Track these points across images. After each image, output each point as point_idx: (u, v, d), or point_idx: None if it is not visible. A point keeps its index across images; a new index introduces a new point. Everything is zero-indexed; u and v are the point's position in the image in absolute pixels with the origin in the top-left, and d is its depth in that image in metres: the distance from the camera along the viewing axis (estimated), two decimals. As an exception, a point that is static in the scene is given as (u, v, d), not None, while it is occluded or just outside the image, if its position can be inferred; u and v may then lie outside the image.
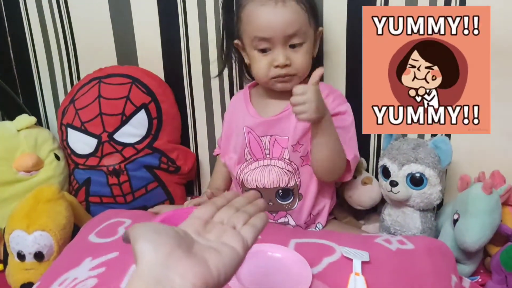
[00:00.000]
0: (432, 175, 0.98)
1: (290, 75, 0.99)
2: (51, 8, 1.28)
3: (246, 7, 0.98)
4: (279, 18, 0.95)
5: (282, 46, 0.97)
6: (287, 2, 0.95)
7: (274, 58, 0.97)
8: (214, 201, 0.58)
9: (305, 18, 0.97)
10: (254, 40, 0.98)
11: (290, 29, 0.95)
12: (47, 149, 1.20)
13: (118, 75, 1.21)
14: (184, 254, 0.45)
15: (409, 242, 0.84)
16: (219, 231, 0.52)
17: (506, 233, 0.94)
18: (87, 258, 0.79)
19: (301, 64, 0.99)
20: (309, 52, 0.99)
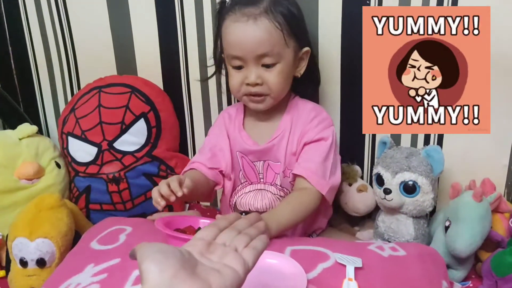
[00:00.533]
0: (425, 183, 1.00)
1: (263, 94, 0.97)
2: (52, 19, 1.30)
3: (224, 22, 0.96)
4: (249, 37, 0.92)
5: (255, 64, 0.94)
6: (259, 19, 0.92)
7: (246, 75, 0.95)
8: (217, 223, 0.60)
9: (279, 37, 0.93)
10: (228, 57, 0.97)
11: (261, 48, 0.92)
12: (48, 157, 1.22)
13: (118, 84, 1.23)
14: (188, 275, 0.46)
15: (401, 248, 0.86)
16: (221, 253, 0.53)
17: (496, 239, 0.96)
18: (90, 264, 0.81)
19: (274, 84, 0.96)
20: (283, 72, 0.96)
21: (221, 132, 1.07)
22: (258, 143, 1.04)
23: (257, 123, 1.06)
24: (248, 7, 0.93)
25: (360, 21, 1.04)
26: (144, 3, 1.20)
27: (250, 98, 0.98)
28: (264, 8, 0.92)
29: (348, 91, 1.13)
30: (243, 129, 1.06)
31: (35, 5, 1.30)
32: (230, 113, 1.09)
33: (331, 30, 1.08)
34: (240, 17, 0.92)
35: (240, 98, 1.01)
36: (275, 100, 0.99)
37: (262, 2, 0.93)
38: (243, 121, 1.07)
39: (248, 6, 0.93)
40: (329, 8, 1.07)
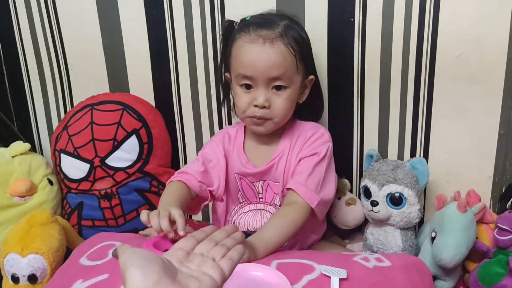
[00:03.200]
0: (411, 194, 1.02)
1: (265, 118, 0.97)
2: (46, 38, 1.33)
3: (236, 41, 0.97)
4: (263, 59, 0.93)
5: (265, 86, 0.95)
6: (275, 43, 0.93)
7: (255, 97, 0.95)
8: (194, 234, 0.62)
9: (292, 62, 0.94)
10: (238, 76, 0.96)
11: (274, 71, 0.93)
12: (40, 174, 1.23)
13: (110, 102, 1.25)
14: (171, 282, 0.48)
15: (386, 259, 0.87)
16: (199, 262, 0.56)
17: (482, 249, 0.97)
18: (78, 280, 0.81)
19: (280, 109, 0.97)
20: (291, 98, 0.97)
21: (218, 149, 1.06)
22: (256, 165, 1.03)
23: (256, 145, 1.06)
24: (264, 30, 0.94)
25: (346, 38, 1.08)
26: (136, 23, 1.23)
27: (253, 120, 0.98)
28: (279, 32, 0.94)
29: (336, 105, 1.15)
30: (243, 152, 1.05)
31: (29, 23, 1.33)
32: (230, 134, 1.09)
33: (318, 47, 1.10)
34: (256, 39, 0.93)
35: (244, 119, 1.01)
36: (277, 125, 1.00)
37: (277, 26, 0.94)
38: (243, 143, 1.07)
39: (264, 29, 0.94)
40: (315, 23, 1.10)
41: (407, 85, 1.08)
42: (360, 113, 1.14)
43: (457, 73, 1.04)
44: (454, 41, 1.02)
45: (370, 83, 1.11)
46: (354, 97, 1.13)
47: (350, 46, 1.09)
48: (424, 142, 1.12)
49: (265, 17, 0.99)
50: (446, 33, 1.02)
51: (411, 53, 1.06)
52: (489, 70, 1.03)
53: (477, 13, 1.00)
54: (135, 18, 1.23)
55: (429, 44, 1.04)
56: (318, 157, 0.99)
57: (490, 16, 0.99)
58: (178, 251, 0.57)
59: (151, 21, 1.22)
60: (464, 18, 1.01)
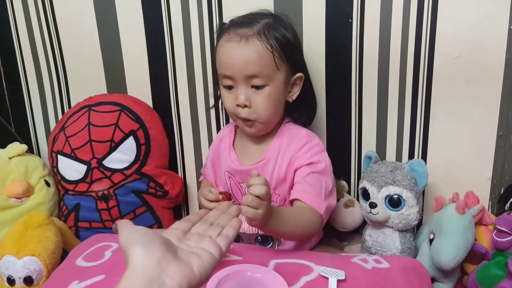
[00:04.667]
0: (409, 196, 1.01)
1: (251, 120, 0.96)
2: (43, 38, 1.32)
3: (219, 42, 0.97)
4: (239, 56, 0.92)
5: (244, 85, 0.94)
6: (251, 40, 0.92)
7: (236, 96, 0.95)
8: (188, 217, 0.65)
9: (270, 59, 0.92)
10: (220, 77, 0.97)
11: (250, 69, 0.92)
12: (37, 176, 1.23)
13: (107, 103, 1.25)
14: (172, 258, 0.51)
15: (385, 261, 0.86)
16: (197, 239, 0.59)
17: (480, 251, 0.97)
18: (74, 281, 0.81)
19: (262, 109, 0.95)
20: (272, 96, 0.95)
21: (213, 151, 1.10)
22: (243, 163, 1.04)
23: (246, 143, 1.06)
24: (242, 28, 0.94)
25: (344, 39, 1.08)
26: (134, 24, 1.23)
27: (243, 122, 0.98)
28: (257, 30, 0.93)
29: (334, 106, 1.15)
30: (233, 149, 1.06)
31: (26, 25, 1.32)
32: (223, 134, 1.11)
33: (315, 49, 1.11)
34: (233, 37, 0.93)
35: (236, 121, 1.01)
36: (265, 125, 0.99)
37: (257, 24, 0.94)
38: (234, 141, 1.08)
39: (243, 27, 0.94)
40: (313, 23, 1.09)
41: (405, 86, 1.08)
42: (358, 114, 1.14)
43: (455, 74, 1.04)
44: (452, 42, 1.02)
45: (368, 84, 1.11)
46: (352, 98, 1.13)
47: (348, 47, 1.09)
48: (422, 144, 1.11)
49: (249, 16, 0.98)
50: (444, 34, 1.02)
51: (409, 54, 1.05)
52: (487, 71, 1.02)
53: (476, 14, 0.99)
54: (132, 19, 1.22)
55: (427, 45, 1.03)
56: (318, 166, 0.97)
57: (488, 17, 0.99)
58: (175, 231, 0.59)
59: (148, 22, 1.22)
60: (462, 19, 1.00)
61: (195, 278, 0.52)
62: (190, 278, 0.51)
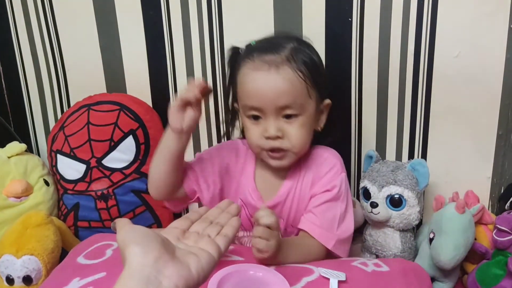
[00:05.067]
0: (411, 196, 1.01)
1: (283, 150, 0.89)
2: (42, 38, 1.32)
3: (241, 69, 0.89)
4: (270, 87, 0.85)
5: (275, 116, 0.86)
6: (281, 68, 0.85)
7: (265, 128, 0.87)
8: (188, 216, 0.64)
9: (302, 88, 0.86)
10: (245, 107, 0.89)
11: (283, 100, 0.85)
12: (36, 175, 1.23)
13: (107, 102, 1.24)
14: (170, 258, 0.51)
15: (385, 264, 0.86)
16: (195, 238, 0.58)
17: (480, 251, 0.97)
18: (75, 278, 0.81)
19: (296, 139, 0.88)
20: (305, 125, 0.88)
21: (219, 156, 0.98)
22: (263, 195, 0.96)
23: (265, 173, 0.97)
24: (268, 55, 0.86)
25: (344, 38, 1.08)
26: (133, 23, 1.22)
27: (269, 154, 0.90)
28: (286, 56, 0.86)
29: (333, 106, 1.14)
30: (253, 179, 0.97)
31: (26, 24, 1.32)
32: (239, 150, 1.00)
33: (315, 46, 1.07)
34: (261, 65, 0.85)
35: (259, 153, 0.92)
36: (297, 156, 0.91)
37: (283, 50, 0.87)
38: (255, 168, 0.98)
39: (268, 53, 0.86)
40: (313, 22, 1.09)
41: (405, 85, 1.08)
42: (357, 113, 1.14)
43: (456, 73, 1.04)
44: (452, 41, 1.02)
45: (367, 83, 1.10)
46: (351, 97, 1.12)
47: (348, 46, 1.09)
48: (422, 143, 1.11)
49: (271, 41, 0.92)
50: (444, 33, 1.02)
51: (409, 53, 1.05)
52: (487, 70, 1.02)
53: (476, 12, 0.99)
54: (132, 18, 1.22)
55: (427, 44, 1.03)
56: (332, 192, 0.92)
57: (488, 16, 0.99)
58: (174, 230, 0.59)
59: (148, 21, 1.21)
60: (463, 18, 1.00)
61: (192, 278, 0.51)
62: (187, 278, 0.51)
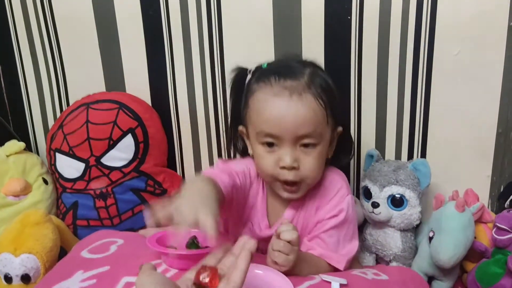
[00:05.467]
0: (412, 196, 1.01)
1: (298, 182, 0.85)
2: (41, 37, 1.32)
3: (256, 93, 0.85)
4: (293, 115, 0.81)
5: (292, 145, 0.83)
6: (304, 95, 0.81)
7: (281, 157, 0.83)
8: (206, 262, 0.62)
9: (323, 116, 0.83)
10: (260, 134, 0.85)
11: (304, 128, 0.81)
12: (35, 173, 1.22)
13: (106, 100, 1.24)
14: None
15: (383, 273, 0.86)
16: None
17: (480, 249, 0.97)
18: (79, 271, 0.81)
19: (311, 170, 0.85)
20: (322, 155, 0.86)
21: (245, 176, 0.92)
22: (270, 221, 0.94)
23: (273, 200, 0.95)
24: (288, 80, 0.83)
25: (343, 36, 1.08)
26: (132, 22, 1.22)
27: (283, 186, 0.87)
28: (306, 82, 0.83)
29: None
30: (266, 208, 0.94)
31: (24, 22, 1.32)
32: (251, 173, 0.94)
33: (314, 45, 1.10)
34: (281, 91, 0.82)
35: (272, 183, 0.88)
36: (309, 187, 0.89)
37: (302, 75, 0.84)
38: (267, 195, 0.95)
39: (288, 78, 0.83)
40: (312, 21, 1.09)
41: (404, 83, 1.07)
42: (357, 112, 1.13)
43: (455, 71, 1.04)
44: (452, 39, 1.02)
45: (367, 81, 1.10)
46: (351, 96, 1.12)
47: (347, 44, 1.08)
48: (421, 141, 1.11)
49: (286, 65, 0.88)
50: (444, 31, 1.02)
51: (409, 51, 1.05)
52: (487, 68, 1.02)
53: (475, 10, 0.99)
54: (131, 17, 1.22)
55: (426, 42, 1.03)
56: (339, 218, 0.90)
57: (488, 14, 0.99)
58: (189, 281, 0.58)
59: (147, 20, 1.21)
60: (462, 15, 1.00)
61: None
62: None
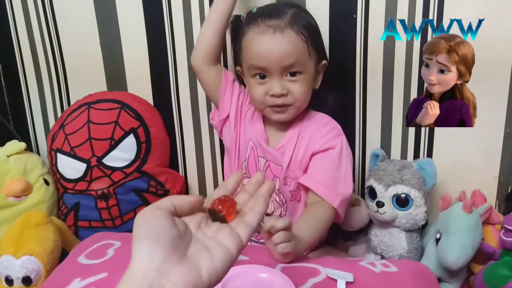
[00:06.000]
0: (417, 196, 1.00)
1: (286, 105, 0.97)
2: (42, 35, 1.30)
3: (246, 34, 0.98)
4: (276, 48, 0.94)
5: (279, 75, 0.95)
6: (286, 31, 0.94)
7: (270, 87, 0.96)
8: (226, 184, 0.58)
9: (304, 49, 0.95)
10: (251, 68, 0.97)
11: (287, 59, 0.94)
12: (36, 174, 1.21)
13: (107, 100, 1.23)
14: (178, 259, 0.46)
15: (393, 265, 0.84)
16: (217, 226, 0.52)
17: (487, 251, 0.96)
18: (76, 278, 0.80)
19: (299, 95, 0.97)
20: (307, 83, 0.98)
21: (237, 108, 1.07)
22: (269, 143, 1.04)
23: (269, 128, 1.06)
24: (272, 20, 0.95)
25: (348, 34, 1.06)
26: (134, 20, 1.21)
27: (273, 109, 0.99)
28: (288, 21, 0.95)
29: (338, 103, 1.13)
30: (263, 126, 1.06)
31: (25, 21, 1.31)
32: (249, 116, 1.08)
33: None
34: (266, 29, 0.94)
35: (263, 110, 1.01)
36: (298, 110, 1.00)
37: (285, 15, 0.95)
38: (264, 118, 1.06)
39: (272, 18, 0.95)
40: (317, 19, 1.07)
41: (410, 82, 1.06)
42: (362, 111, 1.12)
43: (462, 70, 1.02)
44: (459, 38, 1.00)
45: (372, 80, 1.09)
46: (356, 94, 1.11)
47: (352, 42, 1.07)
48: (428, 141, 1.10)
49: (272, 7, 1.01)
50: (451, 29, 1.00)
51: (415, 50, 1.04)
52: (494, 68, 1.01)
53: (482, 9, 0.98)
54: (132, 16, 1.21)
55: (433, 40, 1.02)
56: (334, 151, 0.99)
57: (495, 13, 0.98)
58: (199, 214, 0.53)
59: (149, 18, 1.20)
60: (469, 14, 0.98)
61: (202, 283, 0.46)
62: (196, 283, 0.46)
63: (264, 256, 0.83)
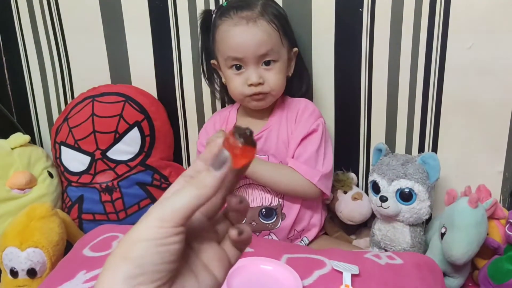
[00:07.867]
0: (421, 190, 0.99)
1: (263, 93, 1.01)
2: (46, 28, 1.30)
3: (219, 27, 1.01)
4: (251, 38, 0.97)
5: (255, 65, 0.99)
6: (258, 21, 0.97)
7: (248, 77, 0.99)
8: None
9: (277, 37, 0.99)
10: (227, 60, 1.00)
11: (262, 48, 0.97)
12: (40, 167, 1.21)
13: (111, 93, 1.23)
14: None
15: (398, 257, 0.85)
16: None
17: (492, 246, 0.96)
18: (81, 271, 0.80)
19: (274, 82, 1.00)
20: (282, 71, 1.02)
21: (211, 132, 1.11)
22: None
23: (249, 119, 1.09)
24: (244, 11, 0.98)
25: (354, 28, 1.06)
26: (138, 13, 1.20)
27: (252, 97, 1.01)
28: (259, 11, 0.98)
29: (343, 98, 1.13)
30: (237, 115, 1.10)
31: (29, 13, 1.30)
32: (221, 115, 1.14)
33: (324, 36, 1.09)
34: (239, 21, 0.97)
35: (243, 100, 1.04)
36: (275, 98, 1.04)
37: (256, 6, 0.99)
38: (236, 120, 1.10)
39: (244, 10, 0.98)
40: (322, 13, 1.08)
41: (416, 77, 1.06)
42: (367, 105, 1.12)
43: (468, 64, 1.02)
44: (465, 32, 1.00)
45: (378, 74, 1.09)
46: (361, 89, 1.11)
47: (358, 36, 1.07)
48: (433, 136, 1.09)
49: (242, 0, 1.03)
50: (457, 24, 1.00)
51: (421, 44, 1.03)
52: (501, 62, 1.00)
53: (489, 3, 0.97)
54: (137, 8, 1.20)
55: (439, 35, 1.01)
56: (317, 133, 1.03)
57: (502, 7, 0.97)
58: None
59: (154, 11, 1.20)
60: (476, 8, 0.98)
61: None
62: None
63: (270, 249, 0.84)
